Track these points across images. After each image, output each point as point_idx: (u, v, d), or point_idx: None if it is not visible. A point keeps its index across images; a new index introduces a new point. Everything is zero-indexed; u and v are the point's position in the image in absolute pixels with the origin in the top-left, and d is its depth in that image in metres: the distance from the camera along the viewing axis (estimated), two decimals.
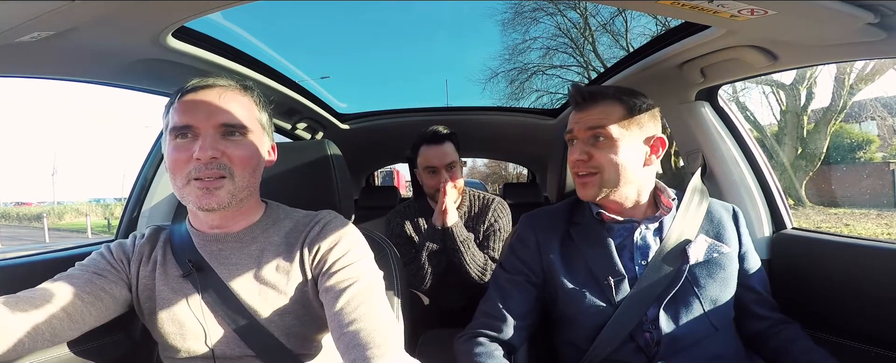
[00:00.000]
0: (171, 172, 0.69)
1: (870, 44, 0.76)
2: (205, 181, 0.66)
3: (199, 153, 0.65)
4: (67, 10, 0.62)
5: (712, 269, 0.83)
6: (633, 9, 1.96)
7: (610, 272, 0.82)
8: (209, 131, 0.67)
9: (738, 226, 0.90)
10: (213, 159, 0.66)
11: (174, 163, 0.67)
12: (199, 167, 0.66)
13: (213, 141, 0.67)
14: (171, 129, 0.68)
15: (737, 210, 0.92)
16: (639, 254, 0.84)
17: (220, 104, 0.69)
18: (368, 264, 0.74)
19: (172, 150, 0.68)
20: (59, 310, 0.64)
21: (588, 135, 0.83)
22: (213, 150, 0.66)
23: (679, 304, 0.81)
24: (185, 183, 0.67)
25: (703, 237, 0.85)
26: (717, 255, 0.84)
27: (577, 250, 0.87)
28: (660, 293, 0.81)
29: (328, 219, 0.78)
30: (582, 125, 0.83)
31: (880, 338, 0.87)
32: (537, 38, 13.69)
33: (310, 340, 0.76)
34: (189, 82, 0.71)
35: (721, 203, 0.94)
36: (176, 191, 0.70)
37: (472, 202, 1.54)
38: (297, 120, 1.74)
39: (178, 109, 0.69)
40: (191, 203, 0.68)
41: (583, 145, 0.83)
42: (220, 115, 0.68)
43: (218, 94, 0.70)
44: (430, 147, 1.44)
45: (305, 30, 28.98)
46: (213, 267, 0.73)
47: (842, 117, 10.55)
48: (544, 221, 0.92)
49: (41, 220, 17.50)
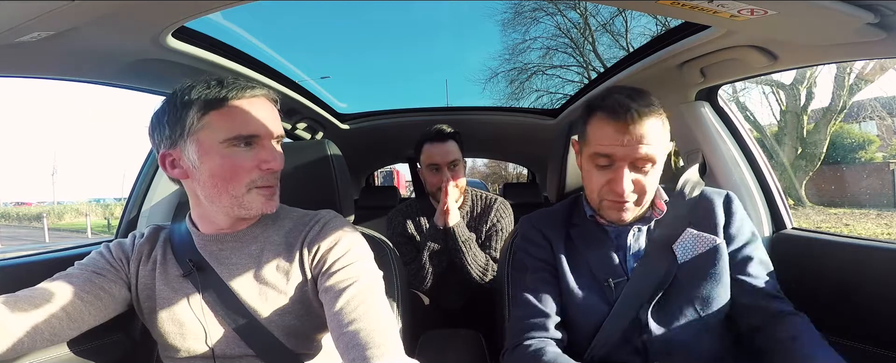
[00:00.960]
0: (225, 180, 0.67)
1: (870, 44, 0.76)
2: (271, 188, 0.71)
3: (274, 164, 0.69)
4: (67, 10, 0.62)
5: (703, 266, 0.80)
6: (633, 9, 1.96)
7: (611, 273, 0.81)
8: (273, 141, 0.71)
9: (730, 211, 0.84)
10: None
11: (236, 170, 0.67)
12: (266, 176, 0.69)
13: (278, 151, 0.71)
14: (233, 138, 0.66)
15: (730, 195, 0.87)
16: (632, 256, 0.83)
17: (275, 113, 0.72)
18: (368, 264, 0.74)
19: (233, 157, 0.67)
20: (58, 309, 0.64)
21: (642, 163, 0.75)
22: (282, 159, 0.71)
23: (670, 305, 0.79)
24: (246, 190, 0.68)
25: (691, 231, 0.82)
26: (707, 249, 0.81)
27: (578, 252, 0.86)
28: (650, 294, 0.79)
29: (328, 218, 0.78)
30: (632, 151, 0.73)
31: (880, 338, 0.87)
32: (537, 38, 13.70)
33: (309, 340, 0.76)
34: (226, 85, 0.68)
35: (715, 190, 0.88)
36: (227, 198, 0.68)
37: (474, 202, 1.54)
38: (298, 120, 1.74)
39: (234, 116, 0.67)
40: (253, 209, 0.70)
41: (631, 172, 0.75)
42: (277, 125, 0.72)
43: (270, 103, 0.73)
44: (433, 145, 1.44)
45: (305, 30, 28.95)
46: (213, 266, 0.73)
47: (842, 117, 10.54)
48: (547, 222, 0.91)
49: (41, 220, 17.50)
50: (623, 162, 0.75)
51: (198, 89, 0.68)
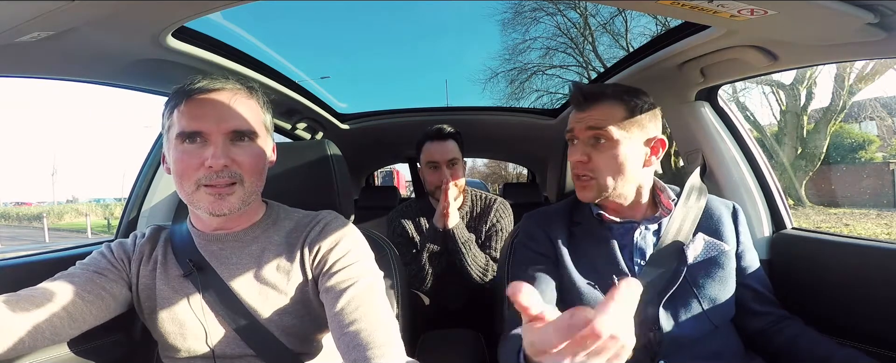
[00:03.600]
0: (178, 177, 0.68)
1: (870, 44, 0.76)
2: (217, 188, 0.67)
3: (211, 161, 0.65)
4: (67, 10, 0.62)
5: (711, 268, 0.83)
6: (633, 9, 1.96)
7: (615, 271, 0.82)
8: (220, 138, 0.67)
9: (737, 223, 0.89)
10: (225, 167, 0.66)
11: (183, 169, 0.67)
12: (209, 175, 0.66)
13: (224, 148, 0.67)
14: (179, 134, 0.66)
15: (737, 207, 0.91)
16: (638, 254, 0.84)
17: (230, 109, 0.68)
18: (369, 264, 0.74)
19: (181, 154, 0.67)
20: (59, 308, 0.64)
21: (589, 135, 0.82)
22: (225, 159, 0.66)
23: (678, 304, 0.81)
24: (194, 189, 0.67)
25: (701, 236, 0.85)
26: (716, 254, 0.84)
27: (581, 249, 0.86)
28: (659, 292, 0.80)
29: (328, 219, 0.78)
30: (582, 125, 0.82)
31: (880, 338, 0.87)
32: (537, 38, 13.70)
33: (310, 340, 0.76)
34: (194, 82, 0.69)
35: (721, 200, 0.92)
36: (184, 195, 0.69)
37: (474, 202, 1.54)
38: (297, 120, 1.74)
39: (185, 113, 0.67)
40: (202, 209, 0.68)
41: (583, 146, 0.83)
42: (230, 121, 0.68)
43: (228, 98, 0.69)
44: (433, 143, 1.45)
45: (305, 30, 28.95)
46: (214, 266, 0.73)
47: (842, 117, 10.55)
48: (548, 219, 0.91)
49: (41, 220, 17.50)
50: (577, 136, 0.84)
51: (180, 86, 0.69)
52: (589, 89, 0.84)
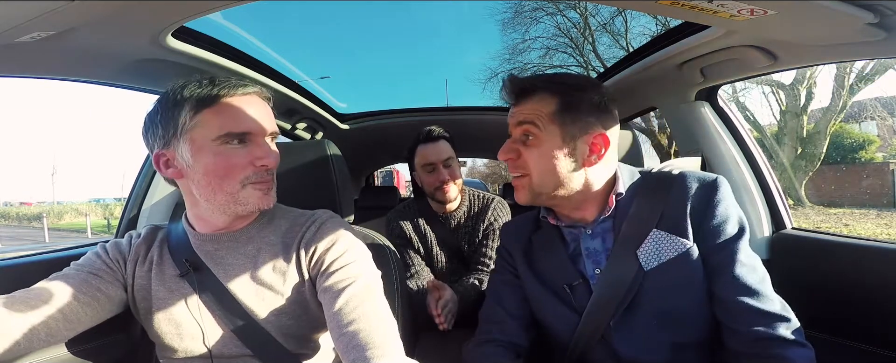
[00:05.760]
0: (219, 178, 0.67)
1: (870, 44, 0.76)
2: (266, 184, 0.71)
3: (268, 160, 0.69)
4: (67, 10, 0.62)
5: (668, 275, 0.70)
6: (633, 9, 1.96)
7: (564, 279, 0.77)
8: (267, 138, 0.71)
9: (712, 201, 0.71)
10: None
11: (230, 168, 0.67)
12: (260, 173, 0.70)
13: (272, 148, 0.72)
14: (226, 135, 0.66)
15: (717, 181, 0.73)
16: (590, 261, 0.77)
17: (267, 110, 0.73)
18: (366, 264, 0.73)
19: (226, 154, 0.67)
20: (55, 310, 0.64)
21: (519, 131, 0.76)
22: (276, 157, 0.72)
23: (634, 320, 0.72)
24: (241, 187, 0.68)
25: (657, 233, 0.72)
26: (674, 256, 0.70)
27: (536, 257, 0.83)
28: (617, 303, 0.72)
29: (324, 218, 0.77)
30: (514, 120, 0.77)
31: (880, 338, 0.87)
32: (537, 38, 13.66)
33: (307, 340, 0.76)
34: (216, 84, 0.68)
35: (699, 174, 0.76)
36: (221, 195, 0.68)
37: (472, 201, 1.54)
38: (297, 120, 1.74)
39: (224, 114, 0.67)
40: (249, 205, 0.70)
41: (512, 142, 0.77)
42: (271, 122, 0.72)
43: (262, 99, 0.73)
44: (425, 146, 1.46)
45: (305, 30, 28.99)
46: (210, 267, 0.73)
47: (842, 117, 10.55)
48: (512, 229, 0.90)
49: (41, 220, 17.50)
50: (510, 132, 0.79)
51: (190, 88, 0.68)
52: (520, 82, 0.77)
